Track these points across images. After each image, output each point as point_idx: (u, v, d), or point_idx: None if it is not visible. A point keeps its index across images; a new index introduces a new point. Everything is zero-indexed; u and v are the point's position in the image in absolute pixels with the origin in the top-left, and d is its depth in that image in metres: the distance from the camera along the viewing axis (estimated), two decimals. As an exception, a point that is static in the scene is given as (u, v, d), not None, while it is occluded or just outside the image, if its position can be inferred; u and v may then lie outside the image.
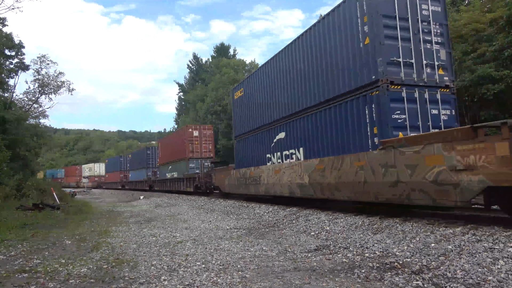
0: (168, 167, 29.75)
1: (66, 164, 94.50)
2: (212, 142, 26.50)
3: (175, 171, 27.42)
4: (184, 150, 25.48)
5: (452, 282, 4.26)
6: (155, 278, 5.10)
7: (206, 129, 26.40)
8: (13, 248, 7.42)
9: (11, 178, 19.10)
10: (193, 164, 24.77)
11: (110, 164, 56.47)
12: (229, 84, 46.71)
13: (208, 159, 25.18)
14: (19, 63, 27.85)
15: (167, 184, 29.98)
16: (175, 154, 27.84)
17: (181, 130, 27.02)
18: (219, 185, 18.78)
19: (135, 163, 42.73)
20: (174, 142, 28.53)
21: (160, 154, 33.23)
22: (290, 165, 11.69)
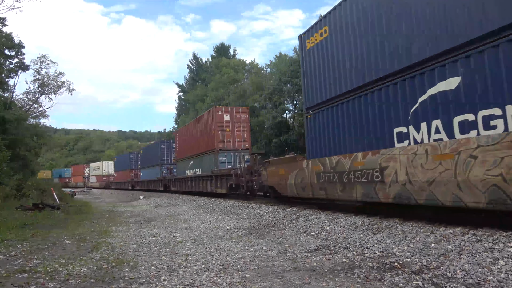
0: (188, 163, 24.81)
1: (66, 164, 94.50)
2: (247, 129, 20.82)
3: (199, 167, 22.44)
4: (211, 140, 20.21)
5: (452, 282, 4.27)
6: (155, 278, 5.09)
7: (240, 112, 20.60)
8: (13, 248, 7.41)
9: (11, 178, 19.11)
10: (223, 158, 19.47)
11: (119, 162, 51.36)
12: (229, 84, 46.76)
13: (243, 151, 19.82)
14: (19, 63, 27.83)
15: (187, 183, 24.68)
16: (198, 146, 22.71)
17: (208, 113, 21.04)
18: (275, 184, 12.65)
19: (147, 160, 37.66)
20: (198, 131, 23.03)
21: (178, 148, 28.00)
22: (497, 140, 5.44)
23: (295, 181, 11.20)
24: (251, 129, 23.53)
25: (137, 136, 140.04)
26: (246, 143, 20.66)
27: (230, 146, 20.05)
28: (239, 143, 20.38)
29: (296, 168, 11.17)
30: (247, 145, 20.67)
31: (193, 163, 23.70)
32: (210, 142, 20.47)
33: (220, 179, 18.70)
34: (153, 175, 34.24)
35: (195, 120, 24.80)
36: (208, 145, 20.88)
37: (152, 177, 34.54)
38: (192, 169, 23.88)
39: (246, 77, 48.00)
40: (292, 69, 33.25)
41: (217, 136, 19.78)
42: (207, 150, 21.16)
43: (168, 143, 33.19)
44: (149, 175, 36.16)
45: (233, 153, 19.89)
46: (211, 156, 20.32)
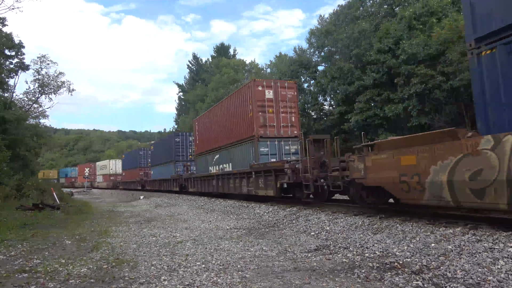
0: (212, 158, 20.20)
1: (66, 164, 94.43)
2: (296, 110, 15.87)
3: (228, 161, 17.90)
4: (248, 126, 15.45)
5: (452, 282, 4.27)
6: (155, 278, 5.10)
7: (286, 88, 15.62)
8: (13, 248, 7.41)
9: (11, 178, 19.11)
10: (265, 149, 14.96)
11: (128, 160, 46.59)
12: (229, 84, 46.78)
13: (291, 140, 15.48)
14: (19, 63, 27.82)
15: (210, 183, 19.81)
16: (228, 135, 17.85)
17: (243, 89, 16.22)
18: (388, 184, 7.70)
19: (158, 156, 33.10)
20: (227, 115, 18.02)
21: (198, 140, 23.24)
22: None
23: (450, 177, 6.14)
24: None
25: (137, 136, 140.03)
26: (294, 129, 15.62)
27: (273, 132, 15.22)
28: (285, 129, 15.45)
29: (457, 152, 6.09)
30: (295, 131, 15.60)
31: (220, 157, 19.05)
32: (247, 128, 15.61)
33: (264, 177, 13.62)
34: (166, 173, 29.65)
35: (223, 101, 19.07)
36: (243, 132, 16.08)
37: (164, 176, 29.96)
38: (218, 164, 19.33)
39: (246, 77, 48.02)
40: (292, 69, 33.23)
41: (256, 120, 14.88)
42: (241, 139, 16.34)
43: (184, 136, 28.85)
44: (161, 173, 31.56)
45: (277, 142, 15.19)
46: (248, 146, 15.66)
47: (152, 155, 36.92)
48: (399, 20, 24.56)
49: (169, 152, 29.13)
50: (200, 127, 23.09)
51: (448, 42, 20.12)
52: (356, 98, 25.89)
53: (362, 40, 26.88)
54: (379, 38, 24.84)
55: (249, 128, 15.43)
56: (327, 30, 30.95)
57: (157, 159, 33.40)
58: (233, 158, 17.34)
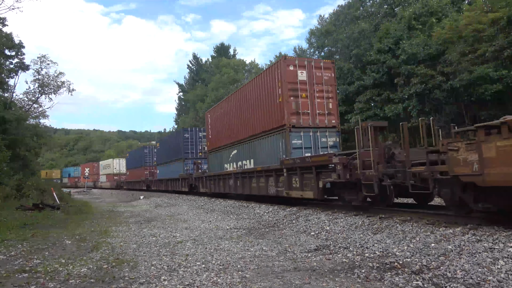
0: (228, 153, 17.88)
1: (66, 164, 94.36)
2: (334, 95, 13.51)
3: (249, 157, 15.57)
4: (277, 113, 13.02)
5: (452, 282, 4.27)
6: (155, 278, 5.10)
7: (322, 68, 13.27)
8: (13, 248, 7.42)
9: (11, 178, 19.10)
10: (298, 141, 12.54)
11: (132, 159, 44.44)
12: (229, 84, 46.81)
13: (329, 130, 13.15)
14: (19, 63, 27.79)
15: (227, 182, 17.45)
16: (249, 126, 15.43)
17: (271, 69, 13.62)
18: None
19: (165, 154, 30.82)
20: (249, 101, 15.51)
21: (211, 134, 20.81)
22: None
23: None
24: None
25: (137, 136, 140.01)
26: (332, 117, 13.28)
27: (308, 121, 12.77)
28: (322, 118, 13.04)
29: None
30: (333, 120, 13.28)
31: (238, 153, 16.75)
32: (275, 117, 13.16)
33: (301, 174, 11.11)
34: (173, 172, 27.44)
35: (242, 87, 16.71)
36: (269, 122, 13.64)
37: (172, 175, 27.78)
38: (236, 161, 17.02)
39: (246, 77, 48.04)
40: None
41: (287, 106, 12.51)
42: (267, 130, 13.85)
43: (193, 132, 26.58)
44: (168, 172, 29.30)
45: (312, 133, 12.81)
46: (276, 138, 13.23)
47: (158, 153, 34.61)
48: (399, 20, 24.58)
49: (177, 149, 26.84)
50: (213, 120, 20.54)
51: (448, 42, 20.13)
52: (356, 98, 25.90)
53: (362, 40, 26.88)
54: (379, 38, 24.85)
55: (278, 117, 12.97)
56: (327, 30, 30.96)
57: (164, 157, 31.11)
58: (256, 154, 14.98)
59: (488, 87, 17.08)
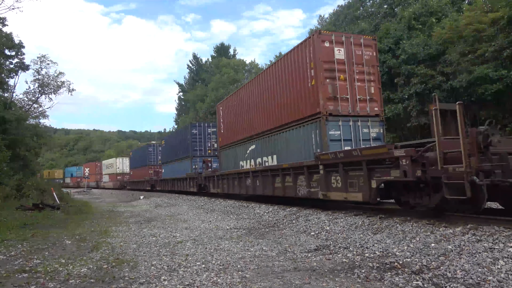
0: (244, 150, 16.11)
1: (66, 164, 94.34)
2: (376, 78, 11.52)
3: (269, 153, 13.77)
4: (309, 99, 11.19)
5: (452, 282, 4.27)
6: (155, 278, 5.10)
7: (362, 46, 11.35)
8: (13, 248, 7.42)
9: (11, 178, 19.10)
10: (336, 132, 10.68)
11: (136, 158, 43.00)
12: (229, 84, 46.84)
13: (371, 119, 11.24)
14: (19, 63, 27.79)
15: (243, 182, 15.41)
16: (270, 118, 13.68)
17: (301, 47, 11.58)
18: None
19: (171, 152, 29.16)
20: (270, 89, 13.66)
21: (223, 128, 18.83)
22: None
23: None
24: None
25: (137, 136, 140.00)
26: (374, 104, 11.35)
27: (347, 109, 10.88)
28: (363, 104, 11.15)
29: None
30: (376, 107, 11.37)
31: (257, 148, 14.91)
32: (307, 103, 11.27)
33: (345, 172, 9.02)
34: (180, 171, 25.75)
35: (264, 72, 14.72)
36: (299, 110, 11.73)
37: (178, 174, 26.28)
38: (253, 158, 15.21)
39: (246, 77, 48.07)
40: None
41: (323, 90, 10.60)
42: (295, 120, 11.95)
43: (202, 127, 24.99)
44: (174, 171, 27.66)
45: (353, 123, 10.95)
46: (308, 128, 11.31)
47: (163, 151, 32.82)
48: (398, 20, 24.58)
49: (185, 147, 25.15)
50: (226, 113, 18.44)
51: (448, 42, 20.14)
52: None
53: (362, 40, 26.89)
54: (379, 38, 24.84)
55: (310, 103, 11.04)
56: (327, 30, 30.95)
57: (170, 155, 29.47)
58: (279, 149, 13.13)
59: (488, 87, 17.10)
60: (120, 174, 49.92)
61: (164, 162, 31.57)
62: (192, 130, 24.65)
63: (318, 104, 10.74)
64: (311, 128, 11.24)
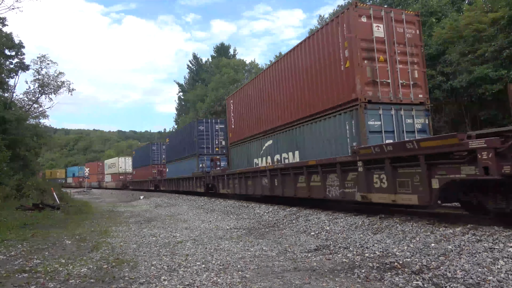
0: (259, 146, 14.77)
1: (66, 164, 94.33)
2: (420, 60, 10.18)
3: (290, 149, 12.37)
4: (342, 84, 9.74)
5: (452, 282, 4.27)
6: (155, 278, 5.10)
7: (404, 22, 9.96)
8: (13, 248, 7.42)
9: (11, 178, 19.11)
10: (376, 122, 9.27)
11: (139, 157, 41.57)
12: (229, 84, 46.84)
13: (415, 107, 9.80)
14: (19, 63, 27.82)
15: (258, 182, 14.01)
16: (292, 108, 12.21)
17: (334, 23, 10.06)
18: None
19: (175, 150, 27.89)
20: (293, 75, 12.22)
21: (234, 123, 17.51)
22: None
23: None
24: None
25: (137, 136, 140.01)
26: (418, 90, 9.95)
27: (387, 95, 9.38)
28: (405, 90, 9.73)
29: None
30: (420, 94, 9.95)
31: (275, 143, 13.49)
32: (338, 89, 9.80)
33: (393, 169, 7.54)
34: (186, 170, 24.55)
35: (288, 53, 12.53)
36: (329, 97, 10.21)
37: (184, 174, 25.00)
38: (271, 154, 13.78)
39: (246, 77, 48.07)
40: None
41: (361, 72, 9.17)
42: (324, 109, 10.42)
43: (209, 124, 23.69)
44: (179, 170, 26.45)
45: (395, 111, 9.44)
46: (341, 119, 9.79)
47: (167, 149, 31.41)
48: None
49: (191, 144, 23.88)
50: (238, 106, 17.06)
51: (448, 42, 20.13)
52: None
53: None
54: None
55: (343, 89, 9.56)
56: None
57: (174, 153, 28.13)
58: (303, 143, 11.63)
59: (488, 87, 17.10)
60: (122, 174, 48.65)
61: (169, 161, 30.32)
62: (199, 127, 23.23)
63: (354, 90, 9.20)
64: (344, 118, 9.73)
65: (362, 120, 9.03)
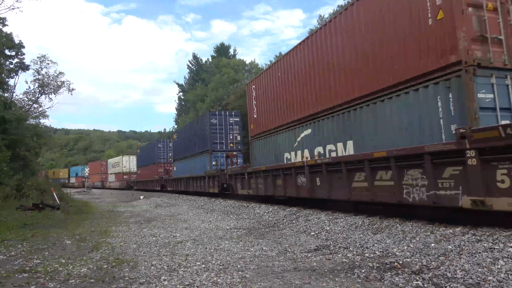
0: (292, 137, 12.29)
1: (66, 164, 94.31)
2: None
3: (338, 139, 9.89)
4: (428, 43, 7.01)
5: (452, 282, 4.27)
6: (155, 278, 5.10)
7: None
8: (13, 248, 7.42)
9: (11, 178, 19.11)
10: (488, 95, 6.40)
11: (144, 155, 39.66)
12: (229, 84, 46.83)
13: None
14: (19, 63, 27.83)
15: (292, 181, 11.52)
16: (345, 84, 9.47)
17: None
18: None
19: (184, 147, 25.67)
20: (350, 39, 9.23)
21: (257, 112, 15.01)
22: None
23: None
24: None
25: (137, 136, 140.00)
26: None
27: (500, 56, 6.73)
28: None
29: None
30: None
31: (315, 133, 11.01)
32: (427, 49, 7.12)
33: None
34: (196, 168, 22.24)
35: (344, 11, 9.60)
36: (408, 63, 7.51)
37: (194, 172, 22.60)
38: (309, 147, 11.29)
39: (246, 77, 48.08)
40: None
41: (466, 23, 6.50)
42: (398, 82, 7.78)
43: (223, 116, 21.04)
44: (189, 169, 24.18)
45: (511, 80, 6.81)
46: (434, 91, 7.05)
47: (175, 146, 29.14)
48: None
49: (202, 140, 21.53)
50: (262, 92, 14.45)
51: None
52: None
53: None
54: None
55: (436, 49, 6.96)
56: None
57: (183, 150, 26.00)
58: (358, 130, 9.11)
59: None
60: (126, 174, 46.63)
61: (177, 159, 28.07)
62: (212, 120, 20.59)
63: (455, 49, 6.58)
64: (434, 91, 7.05)
65: (471, 91, 6.38)
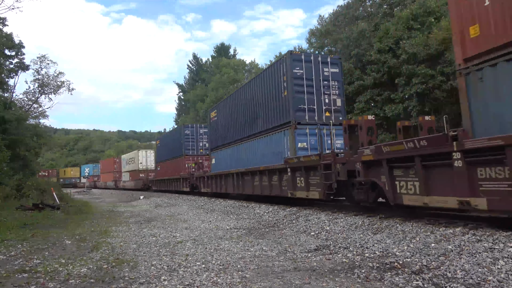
0: None
1: (66, 164, 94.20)
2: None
3: None
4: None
5: (452, 282, 4.27)
6: (155, 278, 5.10)
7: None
8: (13, 248, 7.42)
9: (11, 178, 19.11)
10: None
11: (165, 147, 31.21)
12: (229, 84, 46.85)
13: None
14: (19, 63, 27.81)
15: None
16: None
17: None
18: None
19: (232, 125, 17.29)
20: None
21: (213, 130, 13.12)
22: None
23: None
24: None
25: (137, 136, 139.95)
26: None
27: None
28: None
29: None
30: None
31: None
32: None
33: None
34: (264, 157, 13.79)
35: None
36: None
37: (260, 162, 13.98)
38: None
39: (246, 77, 48.07)
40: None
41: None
42: None
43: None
44: (244, 158, 15.91)
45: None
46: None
47: (212, 128, 20.60)
48: (397, 20, 24.59)
49: (276, 108, 12.85)
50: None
51: (448, 42, 20.12)
52: (356, 98, 25.86)
53: (362, 40, 26.85)
54: (379, 38, 24.84)
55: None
56: (327, 30, 30.92)
57: (231, 132, 17.43)
58: None
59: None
60: (143, 171, 39.39)
61: (216, 148, 19.82)
62: (294, 69, 12.19)
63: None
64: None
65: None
